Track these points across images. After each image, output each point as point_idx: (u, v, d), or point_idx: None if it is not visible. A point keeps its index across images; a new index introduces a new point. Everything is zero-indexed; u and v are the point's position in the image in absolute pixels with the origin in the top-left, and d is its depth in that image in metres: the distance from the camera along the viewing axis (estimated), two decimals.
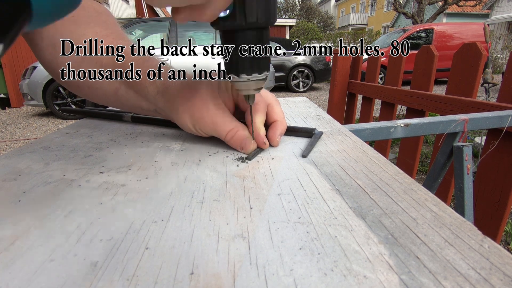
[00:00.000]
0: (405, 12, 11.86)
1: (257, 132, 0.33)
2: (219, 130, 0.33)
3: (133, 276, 0.15)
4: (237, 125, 0.33)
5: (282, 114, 0.37)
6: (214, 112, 0.33)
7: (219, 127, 0.33)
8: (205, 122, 0.33)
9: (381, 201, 0.22)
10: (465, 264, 0.15)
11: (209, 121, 0.33)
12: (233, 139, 0.33)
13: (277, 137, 0.34)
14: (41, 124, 3.92)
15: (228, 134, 0.33)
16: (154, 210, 0.21)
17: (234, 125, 0.33)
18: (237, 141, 0.32)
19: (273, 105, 0.36)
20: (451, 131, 0.61)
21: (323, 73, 6.71)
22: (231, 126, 0.33)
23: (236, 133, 0.33)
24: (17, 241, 0.18)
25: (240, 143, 0.32)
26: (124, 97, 0.39)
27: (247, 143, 0.32)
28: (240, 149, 0.33)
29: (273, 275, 0.15)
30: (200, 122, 0.33)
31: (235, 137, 0.32)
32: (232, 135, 0.33)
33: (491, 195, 0.92)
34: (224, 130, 0.33)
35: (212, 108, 0.33)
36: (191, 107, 0.33)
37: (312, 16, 26.48)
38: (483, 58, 0.96)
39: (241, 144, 0.32)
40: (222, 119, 0.33)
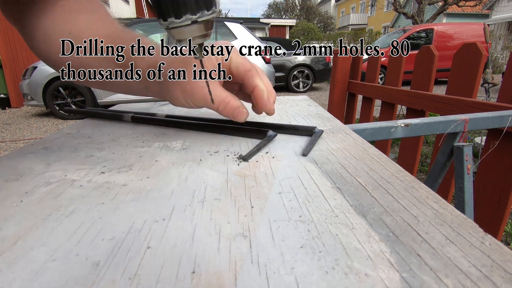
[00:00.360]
0: (405, 12, 11.86)
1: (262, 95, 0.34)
2: (210, 102, 0.34)
3: (135, 275, 0.15)
4: (228, 95, 0.34)
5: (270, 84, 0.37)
6: (205, 84, 0.33)
7: (211, 98, 0.33)
8: (196, 94, 0.34)
9: (382, 199, 0.22)
10: (466, 262, 0.15)
11: (200, 92, 0.33)
12: (226, 109, 0.34)
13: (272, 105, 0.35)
14: (41, 124, 3.92)
15: (220, 105, 0.34)
16: (155, 209, 0.21)
17: (225, 96, 0.34)
18: (230, 110, 0.34)
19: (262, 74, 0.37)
20: (451, 131, 0.61)
21: (323, 73, 6.71)
22: (223, 97, 0.33)
23: (229, 103, 0.34)
24: (19, 241, 0.18)
25: (232, 113, 0.34)
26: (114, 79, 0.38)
27: (240, 112, 0.34)
28: (233, 119, 0.34)
29: (274, 274, 0.15)
30: (191, 94, 0.34)
31: (228, 107, 0.34)
32: (225, 106, 0.34)
33: (491, 195, 0.92)
34: (216, 101, 0.33)
35: (203, 81, 0.33)
36: (181, 81, 0.34)
37: (312, 16, 26.49)
38: (483, 58, 0.96)
39: (234, 114, 0.34)
40: (213, 90, 0.33)
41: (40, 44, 0.39)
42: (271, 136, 0.35)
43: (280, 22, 14.85)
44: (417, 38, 7.31)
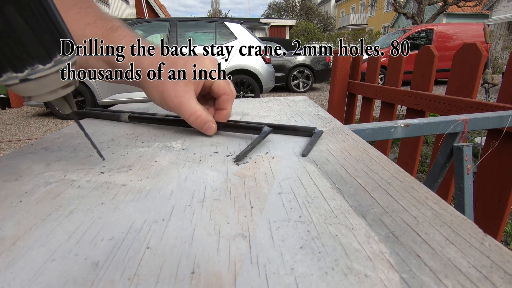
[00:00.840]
0: (405, 12, 11.87)
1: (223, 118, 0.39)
2: (183, 111, 0.36)
3: (134, 275, 0.15)
4: (199, 109, 0.36)
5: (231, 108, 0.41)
6: (182, 95, 0.36)
7: (184, 108, 0.36)
8: (172, 101, 0.36)
9: (381, 199, 0.22)
10: (466, 262, 0.15)
11: (176, 101, 0.36)
12: (196, 122, 0.36)
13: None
14: (41, 124, 3.92)
15: (191, 116, 0.36)
16: (155, 209, 0.21)
17: (197, 109, 0.36)
18: (200, 123, 0.36)
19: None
20: (451, 131, 0.61)
21: (323, 74, 6.71)
22: (195, 109, 0.36)
23: (199, 116, 0.36)
24: (19, 241, 0.18)
25: (202, 126, 0.37)
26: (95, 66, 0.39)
27: (209, 127, 0.37)
28: (202, 131, 0.37)
29: (274, 274, 0.15)
30: (167, 100, 0.36)
31: (198, 120, 0.36)
32: (195, 118, 0.36)
33: (491, 196, 0.92)
34: (188, 111, 0.36)
35: (181, 91, 0.36)
36: (161, 85, 0.36)
37: (312, 16, 26.50)
38: (483, 58, 0.96)
39: (204, 127, 0.37)
40: (188, 101, 0.36)
41: None
42: (266, 132, 0.35)
43: (280, 22, 14.86)
44: (417, 38, 7.31)
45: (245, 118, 0.49)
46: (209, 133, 0.37)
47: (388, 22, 21.24)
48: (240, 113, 0.52)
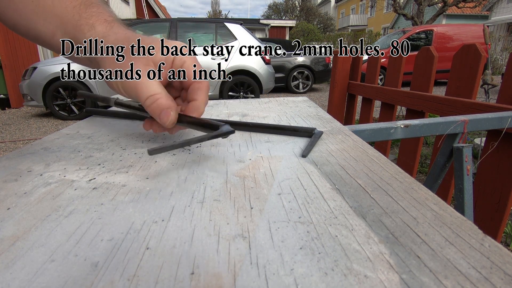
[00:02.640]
0: (405, 13, 11.89)
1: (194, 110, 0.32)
2: (140, 92, 0.30)
3: (134, 276, 0.15)
4: (160, 92, 0.30)
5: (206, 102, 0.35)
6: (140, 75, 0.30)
7: (141, 89, 0.30)
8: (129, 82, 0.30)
9: (381, 200, 0.22)
10: (465, 263, 0.15)
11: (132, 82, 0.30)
12: (152, 106, 0.30)
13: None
14: (41, 124, 3.92)
15: (148, 99, 0.30)
16: (154, 210, 0.21)
17: (157, 91, 0.30)
18: (157, 109, 0.30)
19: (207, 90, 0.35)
20: (451, 132, 0.61)
21: (323, 74, 6.72)
22: (155, 91, 0.30)
23: (157, 100, 0.30)
24: (18, 241, 0.18)
25: (159, 113, 0.30)
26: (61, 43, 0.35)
27: (166, 114, 0.30)
28: (158, 120, 0.30)
29: (273, 275, 0.15)
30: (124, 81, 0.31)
31: (155, 104, 0.30)
32: (152, 101, 0.30)
33: (491, 196, 0.92)
34: (145, 93, 0.30)
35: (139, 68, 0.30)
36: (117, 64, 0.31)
37: (312, 17, 26.52)
38: (482, 59, 0.96)
39: (160, 114, 0.30)
40: (146, 81, 0.30)
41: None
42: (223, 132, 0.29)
43: (280, 23, 14.87)
44: (417, 39, 7.32)
45: (245, 118, 0.49)
46: (165, 123, 0.30)
47: (388, 23, 21.27)
48: (240, 114, 0.52)
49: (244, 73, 4.56)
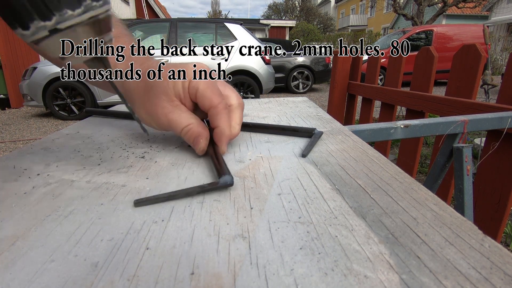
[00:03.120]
0: (405, 13, 11.89)
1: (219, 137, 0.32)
2: (175, 128, 0.32)
3: (134, 276, 0.15)
4: (192, 121, 0.32)
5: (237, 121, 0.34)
6: (169, 110, 0.32)
7: (174, 124, 0.32)
8: (160, 120, 0.32)
9: (381, 200, 0.22)
10: (465, 264, 0.15)
11: (164, 119, 0.32)
12: (187, 135, 0.32)
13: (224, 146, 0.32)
14: (41, 124, 3.92)
15: (183, 130, 0.32)
16: (154, 210, 0.21)
17: (189, 122, 0.32)
18: (191, 137, 0.32)
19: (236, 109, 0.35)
20: (451, 132, 0.61)
21: (323, 74, 6.73)
22: (186, 123, 0.32)
23: (191, 129, 0.32)
24: (18, 241, 0.18)
25: (193, 140, 0.32)
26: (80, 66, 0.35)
27: (198, 140, 0.31)
28: (192, 145, 0.32)
29: (273, 275, 0.15)
30: (156, 120, 0.33)
31: (189, 133, 0.32)
32: (187, 131, 0.32)
33: (491, 196, 0.92)
34: (179, 127, 0.32)
35: (166, 106, 0.32)
36: (146, 103, 0.33)
37: (312, 17, 26.53)
38: (482, 59, 0.96)
39: (194, 141, 0.31)
40: (177, 116, 0.32)
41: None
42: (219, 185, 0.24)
43: (280, 23, 14.87)
44: (417, 39, 7.33)
45: (245, 118, 0.49)
46: (196, 149, 0.31)
47: (388, 23, 21.27)
48: None
49: (244, 73, 4.57)
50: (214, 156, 0.30)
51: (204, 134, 0.31)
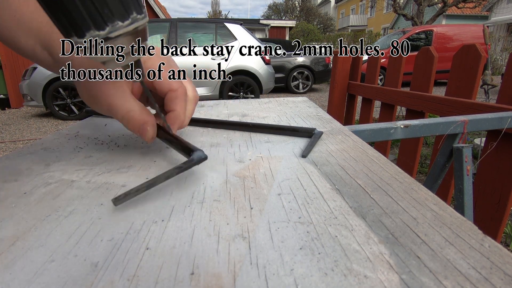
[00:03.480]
0: (405, 13, 11.90)
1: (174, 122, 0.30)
2: (115, 113, 0.29)
3: (134, 276, 0.15)
4: (134, 107, 0.29)
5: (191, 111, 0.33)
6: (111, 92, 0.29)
7: (116, 109, 0.29)
8: (100, 102, 0.29)
9: (381, 200, 0.22)
10: (465, 264, 0.15)
11: (104, 102, 0.29)
12: (130, 124, 0.29)
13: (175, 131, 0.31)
14: (41, 124, 3.92)
15: (123, 119, 0.29)
16: (154, 210, 0.21)
17: (131, 108, 0.29)
18: (134, 127, 0.29)
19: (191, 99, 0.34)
20: (450, 132, 0.61)
21: (323, 75, 6.73)
22: (128, 109, 0.29)
23: (132, 118, 0.29)
24: (18, 241, 0.18)
25: (138, 128, 0.29)
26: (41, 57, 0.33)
27: (144, 128, 0.29)
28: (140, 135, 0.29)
29: (273, 275, 0.15)
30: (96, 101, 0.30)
31: (131, 123, 0.29)
32: (128, 121, 0.29)
33: (491, 196, 0.92)
34: (120, 112, 0.29)
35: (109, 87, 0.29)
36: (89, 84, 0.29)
37: (312, 17, 26.53)
38: (482, 59, 0.96)
39: (140, 129, 0.29)
40: (119, 100, 0.29)
41: None
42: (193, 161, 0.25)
43: (280, 23, 14.88)
44: (417, 39, 7.33)
45: (245, 119, 0.49)
46: (144, 138, 0.29)
47: (388, 23, 21.28)
48: (240, 114, 0.52)
49: (244, 73, 4.57)
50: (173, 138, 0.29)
51: (150, 120, 0.29)
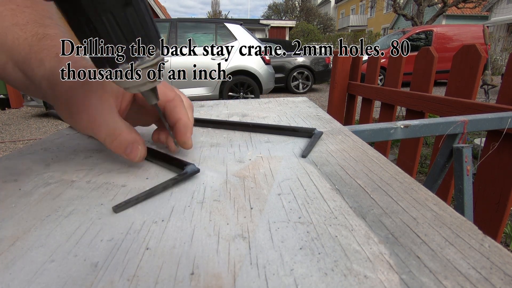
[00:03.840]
0: (405, 14, 11.90)
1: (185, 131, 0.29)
2: (96, 132, 0.27)
3: (134, 276, 0.15)
4: (120, 127, 0.27)
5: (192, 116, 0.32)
6: (95, 108, 0.26)
7: (97, 127, 0.26)
8: (81, 118, 0.26)
9: (381, 200, 0.22)
10: (465, 264, 0.15)
11: (85, 118, 0.26)
12: (114, 144, 0.27)
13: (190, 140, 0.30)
14: (41, 125, 3.92)
15: (107, 138, 0.27)
16: (154, 210, 0.21)
17: (116, 126, 0.27)
18: (121, 146, 0.27)
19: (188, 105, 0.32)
20: (450, 133, 0.61)
21: (323, 75, 6.73)
22: (112, 127, 0.26)
23: (118, 136, 0.26)
24: (18, 241, 0.18)
25: (124, 150, 0.26)
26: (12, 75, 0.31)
27: (133, 149, 0.26)
28: (125, 156, 0.27)
29: (273, 275, 0.15)
30: (76, 118, 0.27)
31: (117, 142, 0.27)
32: (113, 139, 0.26)
33: (491, 197, 0.92)
34: (102, 131, 0.26)
35: (93, 103, 0.26)
36: (70, 99, 0.27)
37: (312, 17, 26.53)
38: (482, 60, 0.96)
39: (125, 151, 0.26)
40: (103, 117, 0.26)
41: None
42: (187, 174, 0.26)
43: (280, 24, 14.88)
44: (417, 39, 7.33)
45: (245, 119, 0.49)
46: (134, 159, 0.27)
47: (388, 24, 21.28)
48: (240, 114, 0.52)
49: (244, 73, 4.57)
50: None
51: (141, 139, 0.28)
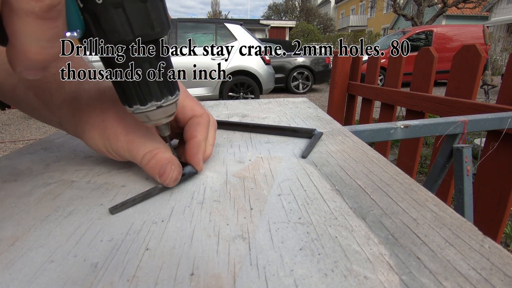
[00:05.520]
0: (405, 14, 11.91)
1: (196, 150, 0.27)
2: (134, 152, 0.26)
3: (134, 277, 0.15)
4: (158, 146, 0.26)
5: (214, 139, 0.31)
6: (132, 129, 0.26)
7: (135, 148, 0.25)
8: (119, 141, 0.26)
9: (381, 201, 0.22)
10: (465, 265, 0.15)
11: (123, 140, 0.26)
12: (149, 165, 0.25)
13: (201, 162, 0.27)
14: (41, 125, 3.92)
15: (144, 158, 0.25)
16: (154, 210, 0.21)
17: (153, 146, 0.26)
18: (155, 167, 0.25)
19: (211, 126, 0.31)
20: (450, 133, 0.61)
21: (323, 75, 6.72)
22: (150, 148, 0.25)
23: (155, 156, 0.25)
24: (17, 242, 0.18)
25: (158, 170, 0.25)
26: (22, 99, 0.30)
27: (166, 169, 0.25)
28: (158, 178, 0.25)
29: (273, 276, 0.15)
30: (112, 141, 0.26)
31: (153, 162, 0.25)
32: (149, 159, 0.25)
33: (491, 197, 0.92)
34: (140, 152, 0.25)
35: (130, 124, 0.26)
36: (102, 122, 0.26)
37: (312, 18, 26.53)
38: (482, 60, 0.96)
39: (159, 171, 0.25)
40: (140, 138, 0.26)
41: None
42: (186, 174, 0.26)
43: (280, 24, 14.89)
44: (417, 39, 7.33)
45: (245, 119, 0.49)
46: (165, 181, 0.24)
47: (388, 24, 21.28)
48: (239, 114, 0.52)
49: (244, 74, 4.57)
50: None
51: (176, 160, 0.26)
